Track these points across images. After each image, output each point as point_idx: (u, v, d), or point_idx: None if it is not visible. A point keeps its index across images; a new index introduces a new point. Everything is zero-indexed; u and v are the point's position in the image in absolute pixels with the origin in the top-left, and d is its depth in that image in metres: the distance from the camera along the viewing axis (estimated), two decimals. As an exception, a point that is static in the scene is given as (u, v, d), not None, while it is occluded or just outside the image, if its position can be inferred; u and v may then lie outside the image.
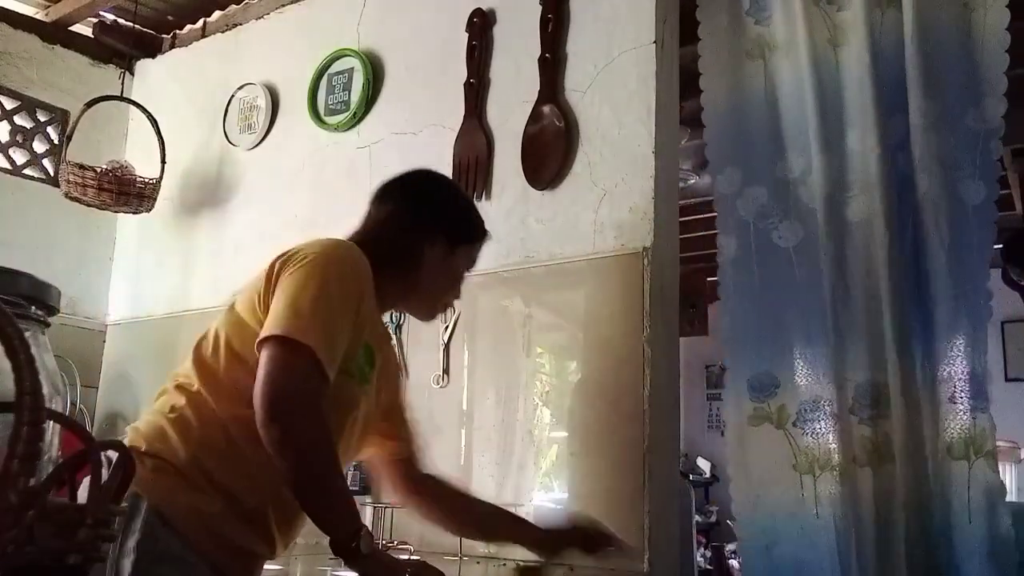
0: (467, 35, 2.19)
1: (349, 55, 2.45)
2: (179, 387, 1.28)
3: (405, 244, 1.41)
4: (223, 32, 2.93)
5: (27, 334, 0.64)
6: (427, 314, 1.55)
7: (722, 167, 1.90)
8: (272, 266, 1.28)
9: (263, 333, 1.19)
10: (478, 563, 1.81)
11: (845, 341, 1.69)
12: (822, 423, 1.69)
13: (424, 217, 1.43)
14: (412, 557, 1.59)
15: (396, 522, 2.01)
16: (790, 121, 1.83)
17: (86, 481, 0.70)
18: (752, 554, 1.74)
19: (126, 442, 1.21)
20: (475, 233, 1.50)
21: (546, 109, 1.99)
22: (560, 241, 1.93)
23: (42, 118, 2.92)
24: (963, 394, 1.59)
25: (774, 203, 1.82)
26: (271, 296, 1.24)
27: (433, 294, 1.48)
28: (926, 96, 1.69)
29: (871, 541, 1.60)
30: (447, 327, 2.06)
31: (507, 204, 2.04)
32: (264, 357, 1.17)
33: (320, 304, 1.21)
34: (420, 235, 1.42)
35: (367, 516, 2.04)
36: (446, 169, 2.15)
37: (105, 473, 0.70)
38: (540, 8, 2.05)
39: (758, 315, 1.80)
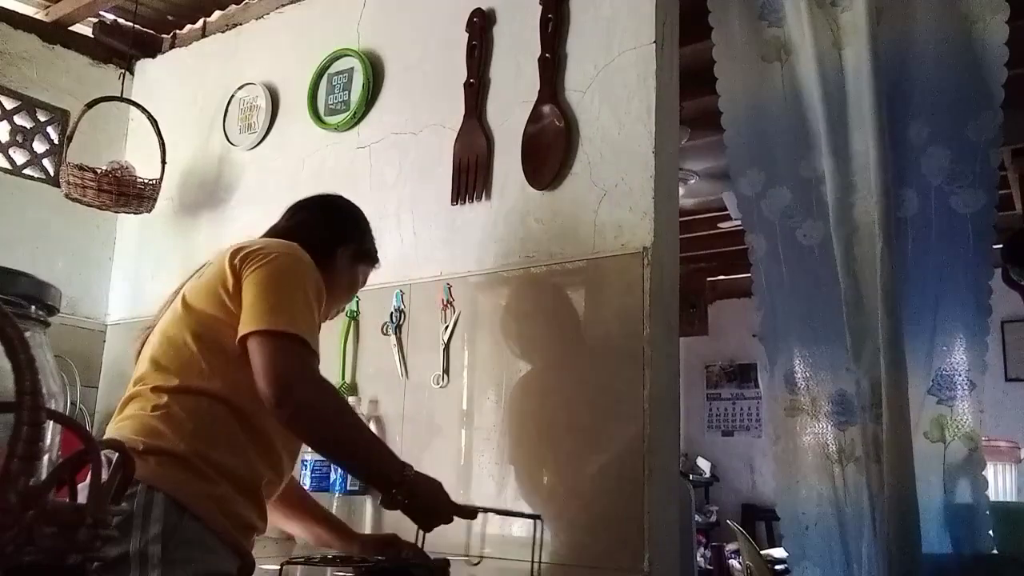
0: (467, 35, 2.19)
1: (349, 55, 2.45)
2: (155, 389, 1.32)
3: (322, 246, 1.53)
4: (223, 32, 2.93)
5: (27, 334, 0.64)
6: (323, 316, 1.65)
7: (744, 169, 1.95)
8: (232, 263, 1.35)
9: (247, 328, 1.27)
10: (475, 563, 1.81)
11: (856, 339, 1.74)
12: (849, 416, 1.78)
13: (338, 226, 1.63)
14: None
15: (396, 524, 2.01)
16: (810, 121, 1.87)
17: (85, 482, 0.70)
18: (791, 536, 1.85)
19: None
20: (375, 257, 1.70)
21: (546, 109, 1.99)
22: (560, 241, 1.93)
23: (42, 118, 2.92)
24: (940, 386, 1.69)
25: (798, 203, 1.88)
26: (240, 288, 1.32)
27: (333, 299, 1.59)
28: (926, 106, 1.74)
29: (877, 530, 1.66)
30: (447, 327, 2.06)
31: (507, 204, 2.04)
32: (256, 350, 1.26)
33: (297, 296, 1.32)
34: (334, 241, 1.58)
35: (367, 514, 2.05)
36: (446, 169, 2.15)
37: (105, 473, 0.70)
38: (540, 8, 2.05)
39: (787, 311, 1.88)
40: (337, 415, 1.31)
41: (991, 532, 1.67)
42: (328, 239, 1.58)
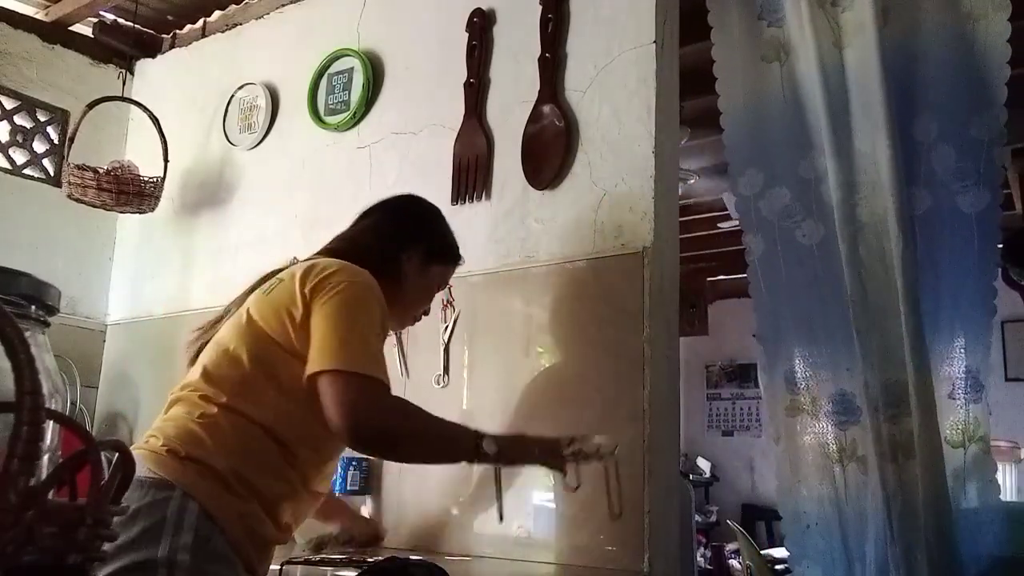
0: (467, 35, 2.19)
1: (349, 55, 2.45)
2: (204, 398, 1.33)
3: (384, 253, 1.51)
4: (223, 32, 2.93)
5: (27, 334, 0.64)
6: (399, 324, 1.66)
7: (743, 169, 1.95)
8: (303, 289, 1.34)
9: (319, 366, 1.28)
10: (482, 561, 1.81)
11: (864, 339, 1.73)
12: (850, 416, 1.78)
13: (402, 229, 1.57)
14: (418, 557, 1.59)
15: (397, 523, 2.02)
16: (810, 121, 1.87)
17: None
18: (793, 536, 1.85)
19: (158, 445, 1.28)
20: (450, 254, 1.64)
21: (546, 109, 1.99)
22: (560, 241, 1.93)
23: (42, 118, 2.92)
24: (961, 389, 1.67)
25: (797, 203, 1.88)
26: (308, 320, 1.32)
27: (407, 305, 1.59)
28: (930, 105, 1.74)
29: (895, 531, 1.65)
30: (447, 327, 2.06)
31: (507, 204, 2.04)
32: (328, 387, 1.27)
33: (366, 331, 1.33)
34: (397, 246, 1.54)
35: (368, 510, 2.05)
36: (446, 169, 2.15)
37: (105, 473, 0.70)
38: (540, 8, 2.05)
39: (787, 311, 1.88)
40: (409, 434, 1.35)
41: (995, 534, 1.65)
42: (389, 248, 1.53)
